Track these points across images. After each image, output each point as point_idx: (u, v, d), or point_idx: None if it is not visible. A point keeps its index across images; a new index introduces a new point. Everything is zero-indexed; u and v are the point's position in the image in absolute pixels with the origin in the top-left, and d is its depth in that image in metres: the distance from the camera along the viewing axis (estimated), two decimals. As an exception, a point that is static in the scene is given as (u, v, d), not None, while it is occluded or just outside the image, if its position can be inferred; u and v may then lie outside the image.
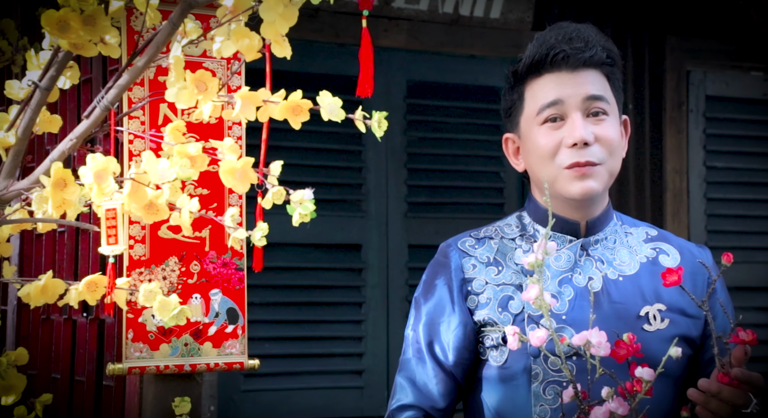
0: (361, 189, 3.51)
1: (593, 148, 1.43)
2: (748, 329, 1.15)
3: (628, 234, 1.54)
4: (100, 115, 1.20)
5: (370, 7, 1.11)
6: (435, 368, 1.46)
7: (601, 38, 1.48)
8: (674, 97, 4.11)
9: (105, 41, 1.22)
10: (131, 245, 1.78)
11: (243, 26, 1.12)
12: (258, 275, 3.34)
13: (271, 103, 1.18)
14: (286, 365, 3.31)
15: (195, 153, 1.16)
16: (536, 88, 1.46)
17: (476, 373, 1.48)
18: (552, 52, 1.44)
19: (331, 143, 3.46)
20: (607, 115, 1.47)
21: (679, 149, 4.10)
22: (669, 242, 1.55)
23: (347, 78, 3.65)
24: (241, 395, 3.26)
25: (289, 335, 3.33)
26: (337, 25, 3.49)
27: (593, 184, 1.43)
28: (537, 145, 1.45)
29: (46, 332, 2.47)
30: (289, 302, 3.36)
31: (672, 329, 1.45)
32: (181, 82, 1.13)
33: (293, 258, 3.38)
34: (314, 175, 3.42)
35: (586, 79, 1.45)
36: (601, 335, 1.07)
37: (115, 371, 1.77)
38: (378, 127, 1.15)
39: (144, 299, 1.21)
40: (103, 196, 1.12)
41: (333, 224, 3.43)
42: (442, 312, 1.47)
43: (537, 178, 1.49)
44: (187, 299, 1.82)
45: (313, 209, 1.12)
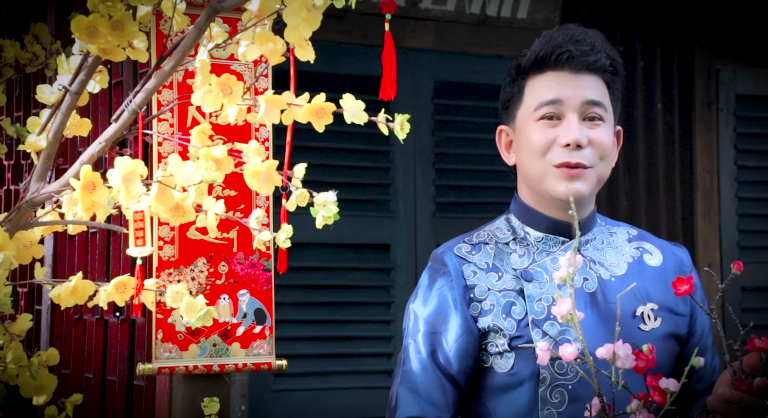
0: (389, 189, 3.51)
1: (585, 151, 1.43)
2: (762, 336, 1.14)
3: (612, 234, 1.55)
4: (128, 118, 1.22)
5: (392, 11, 1.12)
6: (440, 378, 1.43)
7: (606, 45, 1.49)
8: (704, 96, 4.07)
9: (133, 46, 1.24)
10: (160, 246, 1.81)
11: (267, 30, 1.13)
12: (287, 275, 3.36)
13: (295, 106, 1.19)
14: (315, 365, 3.33)
15: (220, 156, 1.18)
16: (537, 85, 1.47)
17: (478, 381, 1.46)
18: (557, 50, 1.45)
19: (358, 144, 3.47)
20: (603, 122, 1.47)
21: (710, 148, 4.07)
22: (650, 241, 1.56)
23: (375, 79, 3.64)
24: (272, 395, 3.28)
25: (319, 335, 3.35)
26: (365, 27, 3.50)
27: (581, 186, 1.43)
28: (530, 140, 1.46)
29: (78, 332, 2.51)
30: (318, 302, 3.37)
31: (665, 327, 1.47)
32: (207, 86, 1.15)
33: (322, 258, 3.39)
34: (342, 175, 3.44)
35: (587, 83, 1.46)
36: (626, 348, 1.07)
37: (145, 371, 1.79)
38: (401, 129, 1.16)
39: (171, 300, 1.23)
40: (130, 198, 1.13)
41: (361, 224, 3.45)
42: (444, 320, 1.45)
43: (526, 173, 1.49)
44: (216, 299, 1.84)
45: (336, 211, 1.13)
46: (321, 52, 3.94)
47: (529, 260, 1.47)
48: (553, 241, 1.49)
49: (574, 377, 1.39)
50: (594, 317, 1.43)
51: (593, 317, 1.42)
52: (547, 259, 1.47)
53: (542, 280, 1.45)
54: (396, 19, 3.80)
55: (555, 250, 1.48)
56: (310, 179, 3.85)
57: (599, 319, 1.42)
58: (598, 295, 1.45)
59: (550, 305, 1.42)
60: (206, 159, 1.17)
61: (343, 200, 3.98)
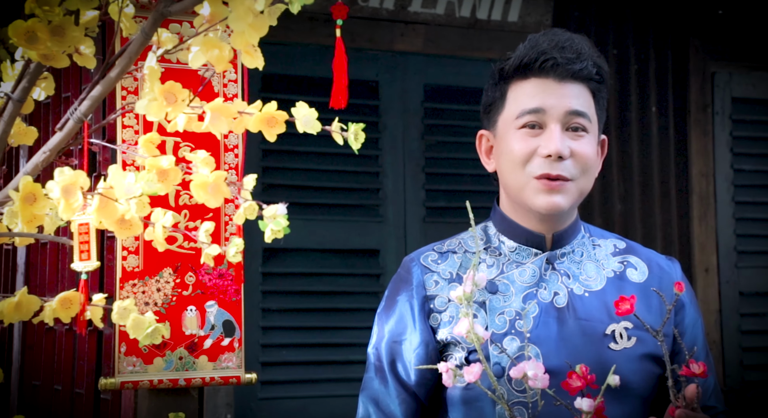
0: (378, 194, 3.47)
1: (566, 163, 1.38)
2: (700, 362, 1.09)
3: (596, 246, 1.49)
4: (73, 126, 1.18)
5: (344, 17, 1.07)
6: (397, 389, 1.42)
7: (593, 53, 1.43)
8: (699, 99, 4.02)
9: (80, 52, 1.20)
10: (124, 257, 1.76)
11: (212, 36, 1.08)
12: (274, 281, 3.34)
13: (246, 114, 1.15)
14: (303, 372, 3.28)
15: (167, 166, 1.13)
16: (520, 91, 1.42)
17: (441, 393, 1.43)
18: (542, 57, 1.39)
19: (347, 147, 3.41)
20: (587, 133, 1.42)
21: (705, 152, 4.02)
22: (637, 254, 1.50)
23: (363, 82, 3.63)
24: (258, 404, 3.23)
25: (306, 341, 3.30)
26: (352, 30, 3.45)
27: (560, 200, 1.38)
28: (510, 148, 1.41)
29: (49, 342, 2.47)
30: (305, 308, 3.32)
31: (639, 347, 1.39)
32: (151, 94, 1.10)
33: (310, 264, 3.35)
34: (330, 179, 3.40)
35: (572, 92, 1.41)
36: (538, 367, 1.02)
37: (107, 386, 1.74)
38: (354, 139, 1.11)
39: (118, 316, 1.18)
40: (70, 211, 1.09)
41: (350, 229, 3.40)
42: (403, 330, 1.42)
43: (505, 182, 1.45)
44: (182, 311, 1.79)
45: (286, 224, 1.08)
46: (308, 55, 3.92)
47: (498, 270, 1.43)
48: (526, 252, 1.44)
49: (534, 395, 1.34)
50: (560, 333, 1.37)
51: (560, 333, 1.37)
52: (516, 271, 1.42)
53: (507, 292, 1.40)
54: (385, 22, 3.77)
55: (526, 262, 1.43)
56: (298, 184, 3.82)
57: (565, 335, 1.37)
58: (568, 310, 1.40)
59: (513, 319, 1.38)
60: (152, 169, 1.13)
61: (332, 205, 3.96)
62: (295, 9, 1.16)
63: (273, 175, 3.34)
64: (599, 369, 1.33)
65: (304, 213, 3.35)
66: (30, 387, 2.44)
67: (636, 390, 1.37)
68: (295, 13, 1.17)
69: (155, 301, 1.77)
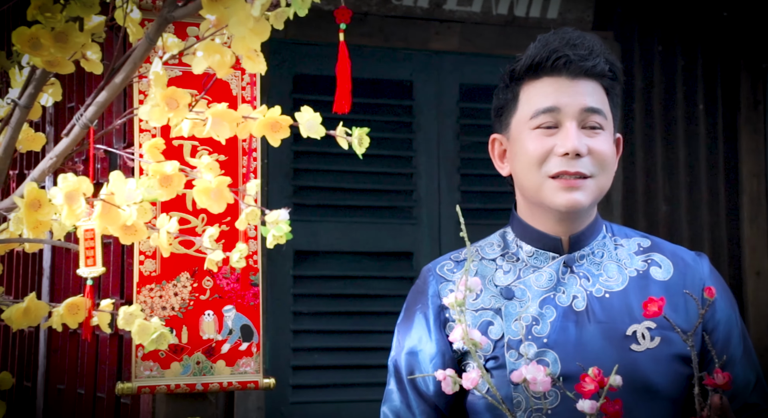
0: (412, 195, 3.44)
1: (584, 160, 1.35)
2: (725, 372, 1.04)
3: (619, 246, 1.44)
4: (80, 132, 1.17)
5: (347, 20, 1.04)
6: (417, 400, 1.41)
7: (604, 49, 1.41)
8: (750, 95, 3.91)
9: (87, 58, 1.19)
10: (141, 261, 1.75)
11: (214, 42, 1.07)
12: (306, 284, 3.33)
13: (250, 119, 1.13)
14: (335, 376, 3.26)
15: (171, 172, 1.12)
16: (533, 92, 1.39)
17: (462, 402, 1.40)
18: (554, 55, 1.37)
19: (381, 149, 3.40)
20: (603, 130, 1.39)
21: (756, 151, 3.91)
22: (662, 251, 1.44)
23: (397, 82, 3.60)
24: (289, 408, 3.23)
25: (338, 345, 3.28)
26: (386, 29, 3.43)
27: (580, 197, 1.35)
28: (526, 149, 1.38)
29: (73, 346, 2.48)
30: (337, 311, 3.31)
31: (665, 348, 1.34)
32: (153, 100, 1.09)
33: (342, 266, 3.33)
34: (364, 181, 3.38)
35: (586, 90, 1.38)
36: (538, 370, 0.99)
37: (124, 390, 1.74)
38: (359, 144, 1.08)
39: (123, 322, 1.17)
40: (73, 217, 1.08)
41: (384, 231, 3.38)
42: (420, 341, 1.41)
43: (521, 184, 1.41)
44: (200, 315, 1.79)
45: (288, 230, 1.06)
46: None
47: (514, 276, 1.40)
48: (544, 256, 1.41)
49: (554, 401, 1.31)
50: (579, 337, 1.34)
51: (578, 338, 1.34)
52: (533, 276, 1.39)
53: (523, 298, 1.37)
54: (420, 21, 3.73)
55: (543, 266, 1.40)
56: (330, 186, 3.80)
57: (585, 339, 1.33)
58: (588, 314, 1.36)
59: (529, 325, 1.35)
60: (155, 175, 1.12)
61: (365, 207, 3.93)
62: (302, 12, 1.14)
63: (305, 178, 3.33)
64: (621, 372, 1.28)
65: (336, 215, 3.33)
66: (55, 391, 2.46)
67: (663, 392, 1.33)
68: (303, 16, 1.14)
69: (172, 305, 1.76)
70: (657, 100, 3.80)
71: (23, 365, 2.74)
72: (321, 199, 3.34)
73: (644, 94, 3.77)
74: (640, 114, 3.77)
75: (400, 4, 3.45)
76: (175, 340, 1.80)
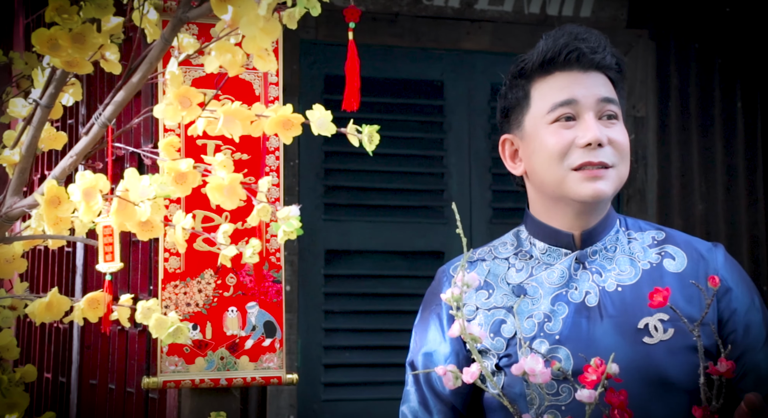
0: (443, 195, 3.44)
1: (606, 150, 1.36)
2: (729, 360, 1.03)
3: (632, 240, 1.44)
4: (98, 131, 1.20)
5: (356, 19, 1.05)
6: (434, 400, 1.42)
7: (608, 43, 1.43)
8: (791, 92, 3.85)
9: (105, 58, 1.22)
10: (166, 258, 1.79)
11: (225, 41, 1.09)
12: (337, 283, 3.35)
13: (263, 117, 1.15)
14: (366, 374, 3.28)
15: (186, 169, 1.14)
16: (546, 87, 1.40)
17: (479, 401, 1.41)
18: (566, 49, 1.39)
19: (412, 149, 3.41)
20: (618, 120, 1.41)
21: (797, 150, 3.85)
22: (676, 243, 1.44)
23: (428, 82, 3.61)
24: (321, 405, 3.25)
25: (369, 344, 3.30)
26: (417, 30, 3.44)
27: (604, 186, 1.36)
28: (545, 144, 1.38)
29: (104, 342, 2.53)
30: (369, 310, 3.32)
31: (679, 339, 1.33)
32: (168, 99, 1.11)
33: (373, 265, 3.35)
34: (395, 181, 3.39)
35: (598, 81, 1.40)
36: (536, 362, 0.99)
37: (150, 385, 1.78)
38: (369, 141, 1.10)
39: (141, 316, 1.20)
40: (91, 214, 1.11)
41: (414, 230, 3.39)
42: (435, 342, 1.43)
43: (540, 180, 1.41)
44: (223, 312, 1.81)
45: (299, 226, 1.08)
46: (373, 56, 3.90)
47: (527, 274, 1.41)
48: (556, 253, 1.42)
49: (567, 398, 1.31)
50: (591, 333, 1.34)
51: (590, 333, 1.34)
52: (545, 273, 1.40)
53: (536, 295, 1.38)
54: (451, 20, 3.73)
55: (555, 263, 1.40)
56: (361, 185, 3.81)
57: (597, 335, 1.34)
58: (600, 309, 1.37)
59: (541, 322, 1.35)
60: (171, 173, 1.14)
61: (396, 207, 3.93)
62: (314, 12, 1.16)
63: (335, 177, 3.35)
64: (635, 365, 1.28)
65: (367, 215, 3.35)
66: (88, 386, 2.51)
67: (679, 384, 1.31)
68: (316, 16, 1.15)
69: (197, 302, 1.80)
70: (694, 98, 3.75)
71: (59, 361, 2.81)
72: (352, 199, 3.36)
73: (680, 93, 3.73)
74: (675, 112, 3.73)
75: (431, 4, 3.46)
76: (200, 336, 1.83)
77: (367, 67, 3.46)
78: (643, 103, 3.65)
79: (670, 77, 3.72)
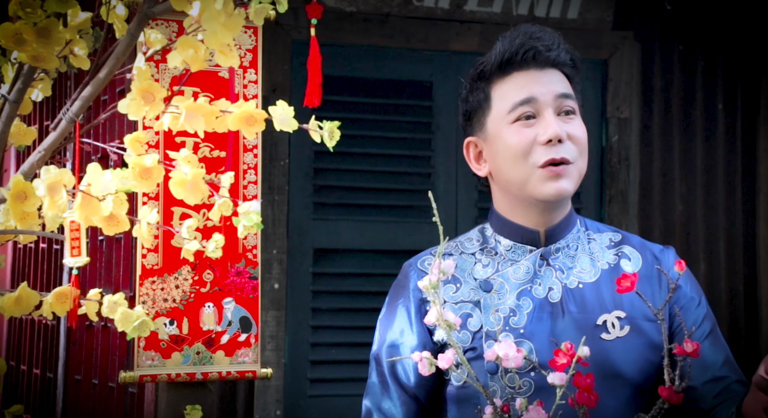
0: (430, 195, 3.45)
1: (567, 146, 1.39)
2: (695, 341, 1.06)
3: (592, 240, 1.48)
4: (66, 126, 1.21)
5: (318, 16, 1.07)
6: (398, 391, 1.44)
7: (562, 40, 1.45)
8: (771, 96, 3.88)
9: (74, 53, 1.23)
10: (144, 255, 1.80)
11: (188, 36, 1.10)
12: (325, 281, 3.36)
13: (227, 113, 1.16)
14: (352, 371, 3.30)
15: (151, 165, 1.16)
16: (505, 88, 1.43)
17: (441, 393, 1.43)
18: (522, 49, 1.41)
19: (400, 149, 3.43)
20: (576, 115, 1.43)
21: (775, 151, 3.87)
22: (632, 244, 1.48)
23: (417, 83, 3.63)
24: (308, 401, 3.27)
25: (356, 341, 3.31)
26: (407, 30, 3.46)
27: (566, 185, 1.39)
28: (509, 144, 1.40)
29: (89, 337, 2.54)
30: (356, 308, 3.34)
31: (634, 336, 1.38)
32: (131, 94, 1.13)
33: (360, 264, 3.36)
34: (383, 181, 3.40)
35: (555, 78, 1.43)
36: (510, 347, 1.01)
37: (127, 379, 1.79)
38: (330, 137, 1.11)
39: (107, 310, 1.21)
40: (55, 208, 1.12)
41: (401, 230, 3.40)
42: (402, 334, 1.44)
43: (506, 179, 1.43)
44: (200, 307, 1.83)
45: (258, 220, 1.09)
46: (363, 56, 3.92)
47: (493, 269, 1.44)
48: (521, 250, 1.45)
49: (529, 390, 1.33)
50: (554, 328, 1.38)
51: (553, 328, 1.37)
52: (511, 269, 1.43)
53: (502, 290, 1.40)
54: (440, 22, 3.75)
55: (520, 259, 1.43)
56: (349, 185, 3.82)
57: (559, 330, 1.37)
58: (562, 305, 1.40)
59: (507, 317, 1.38)
60: (135, 168, 1.15)
61: (383, 206, 3.95)
62: (281, 8, 1.17)
63: (325, 177, 3.37)
64: (592, 360, 1.30)
65: (355, 214, 3.37)
66: (73, 381, 2.53)
67: (630, 378, 1.37)
68: (283, 11, 1.17)
69: (174, 297, 1.81)
70: (676, 100, 3.78)
71: (47, 357, 2.83)
72: (341, 199, 3.38)
73: (663, 94, 3.75)
74: (658, 113, 3.75)
75: (421, 5, 3.47)
76: (176, 331, 1.84)
77: (358, 67, 3.50)
78: (627, 105, 3.66)
79: (654, 78, 3.74)
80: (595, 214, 3.61)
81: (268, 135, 3.04)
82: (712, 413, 1.37)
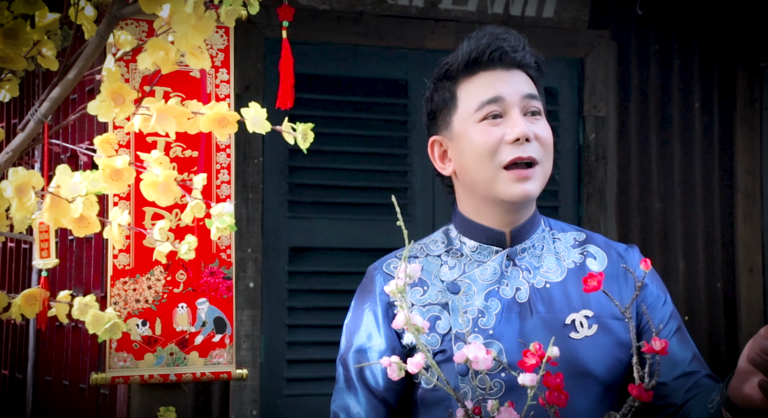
0: (406, 193, 3.46)
1: (533, 145, 1.40)
2: (663, 339, 1.07)
3: (556, 240, 1.49)
4: (34, 127, 1.20)
5: (290, 18, 1.06)
6: (367, 396, 1.43)
7: (527, 42, 1.47)
8: (746, 94, 3.91)
9: (42, 54, 1.22)
10: (116, 255, 1.79)
11: (159, 38, 1.09)
12: (301, 280, 3.36)
13: (199, 114, 1.16)
14: (329, 369, 3.28)
15: (121, 166, 1.15)
16: (471, 87, 1.43)
17: (411, 396, 1.43)
18: (489, 49, 1.42)
19: (376, 147, 3.43)
20: (541, 116, 1.44)
21: (752, 149, 3.91)
22: (596, 244, 1.50)
23: (393, 81, 3.63)
24: (284, 400, 3.26)
25: (332, 340, 3.30)
26: (381, 29, 3.45)
27: (532, 187, 1.39)
28: (475, 143, 1.41)
29: (60, 338, 2.53)
30: (332, 306, 3.33)
31: (602, 334, 1.39)
32: (101, 96, 1.12)
33: (336, 263, 3.36)
34: (359, 179, 3.40)
35: (521, 79, 1.44)
36: (479, 349, 1.01)
37: (98, 381, 1.78)
38: (303, 139, 1.11)
39: (78, 312, 1.20)
40: (24, 210, 1.11)
41: (378, 228, 3.40)
42: (369, 338, 1.44)
43: (471, 178, 1.43)
44: (173, 308, 1.82)
45: (232, 222, 1.09)
46: (337, 54, 3.91)
47: (460, 271, 1.43)
48: (487, 251, 1.45)
49: (500, 391, 1.34)
50: (522, 328, 1.38)
51: (521, 329, 1.38)
52: (477, 270, 1.43)
53: (469, 292, 1.40)
54: (415, 20, 3.75)
55: (487, 260, 1.43)
56: (325, 183, 3.82)
57: (527, 330, 1.37)
58: (530, 305, 1.40)
59: (475, 318, 1.38)
60: (106, 169, 1.15)
61: (359, 204, 3.95)
62: (253, 10, 1.17)
63: (300, 175, 3.36)
64: (562, 359, 1.31)
65: (331, 212, 3.36)
66: (43, 382, 2.51)
67: (599, 376, 1.38)
68: (255, 13, 1.17)
69: (146, 298, 1.80)
70: (653, 99, 3.80)
71: (15, 358, 2.81)
72: (316, 197, 3.37)
73: (640, 93, 3.78)
74: (635, 112, 3.77)
75: (396, 3, 3.47)
76: (149, 332, 1.83)
77: (332, 65, 3.50)
78: (604, 103, 3.68)
79: (631, 77, 3.76)
80: (573, 212, 3.63)
81: (241, 133, 3.03)
82: (684, 407, 1.38)
